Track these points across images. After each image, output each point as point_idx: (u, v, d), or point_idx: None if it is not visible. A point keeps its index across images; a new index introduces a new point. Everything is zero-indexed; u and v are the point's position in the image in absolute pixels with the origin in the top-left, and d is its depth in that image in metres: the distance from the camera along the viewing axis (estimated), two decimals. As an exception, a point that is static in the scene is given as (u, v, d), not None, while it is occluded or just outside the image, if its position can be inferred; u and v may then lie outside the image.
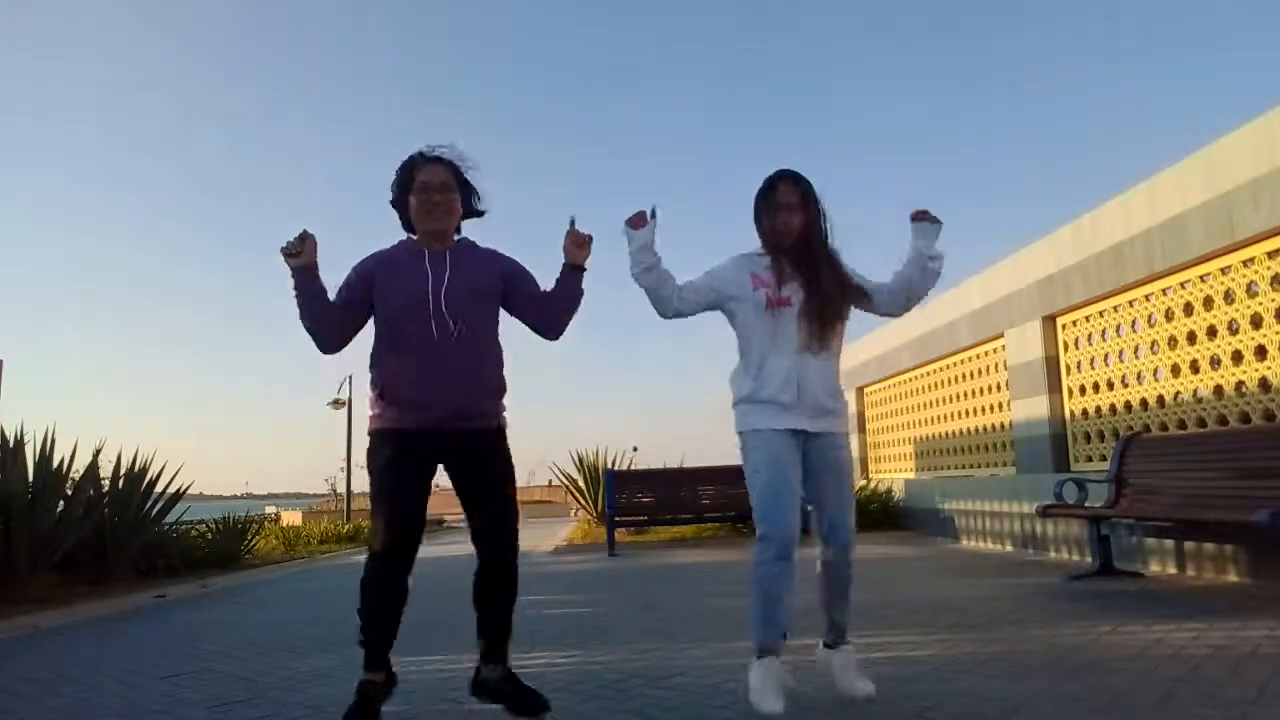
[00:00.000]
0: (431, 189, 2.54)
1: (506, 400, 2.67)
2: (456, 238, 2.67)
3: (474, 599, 2.59)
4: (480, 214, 2.72)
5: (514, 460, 2.66)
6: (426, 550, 2.65)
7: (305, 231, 2.49)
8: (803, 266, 2.57)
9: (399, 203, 2.63)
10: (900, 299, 2.68)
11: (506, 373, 2.66)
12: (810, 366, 2.51)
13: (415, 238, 2.64)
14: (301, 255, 2.47)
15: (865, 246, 2.73)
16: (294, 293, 2.49)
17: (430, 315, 2.46)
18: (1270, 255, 4.92)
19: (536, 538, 11.63)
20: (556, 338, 2.70)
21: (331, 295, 2.56)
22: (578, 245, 2.62)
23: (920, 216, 2.65)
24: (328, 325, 2.55)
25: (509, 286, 2.64)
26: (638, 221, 2.60)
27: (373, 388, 2.53)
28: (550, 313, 2.67)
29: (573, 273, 2.64)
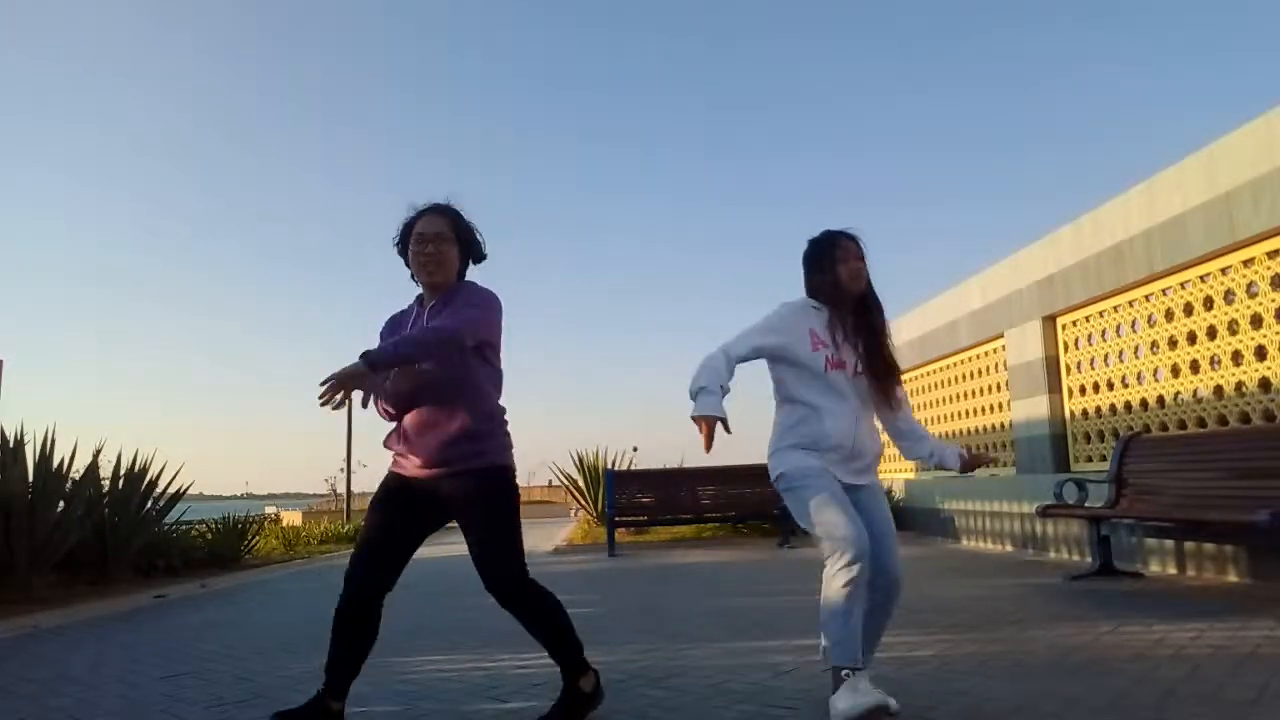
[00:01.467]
0: (425, 239, 2.52)
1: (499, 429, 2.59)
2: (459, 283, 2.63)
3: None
4: (482, 258, 2.68)
5: (511, 477, 2.56)
6: (427, 551, 2.64)
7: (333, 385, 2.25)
8: (863, 325, 2.57)
9: (404, 256, 2.62)
10: (894, 432, 2.66)
11: (500, 403, 2.59)
12: (863, 425, 2.52)
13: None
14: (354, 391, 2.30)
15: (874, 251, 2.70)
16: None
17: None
18: (1270, 255, 4.92)
19: (537, 538, 11.62)
20: None
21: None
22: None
23: (968, 465, 2.60)
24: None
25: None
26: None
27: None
28: None
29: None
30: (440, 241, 2.53)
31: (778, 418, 2.59)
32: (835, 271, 2.55)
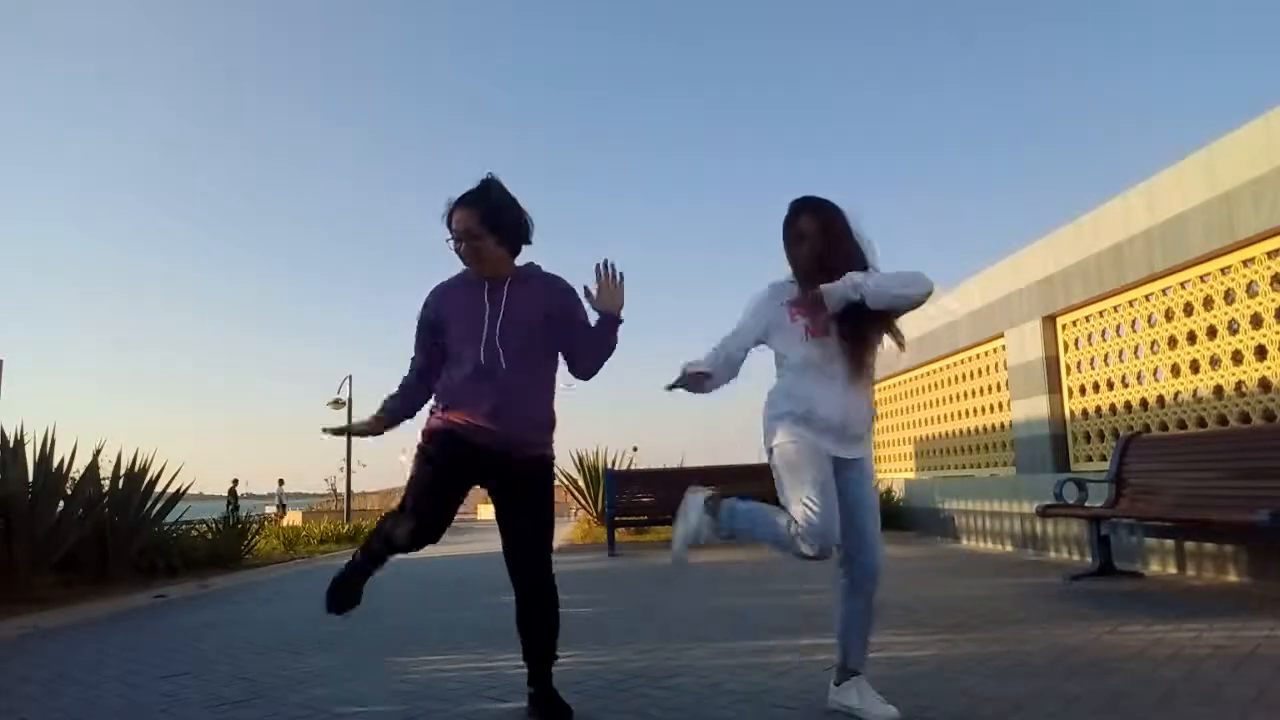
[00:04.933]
0: (457, 237, 2.54)
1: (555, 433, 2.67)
2: (520, 264, 2.63)
3: (517, 626, 2.58)
4: (526, 241, 2.63)
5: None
6: (433, 550, 2.64)
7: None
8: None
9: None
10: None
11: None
12: (851, 396, 2.44)
13: None
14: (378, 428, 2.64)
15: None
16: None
17: (482, 347, 2.48)
18: (1270, 255, 4.92)
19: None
20: (584, 379, 2.68)
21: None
22: (610, 291, 2.52)
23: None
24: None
25: (552, 321, 2.59)
26: (695, 385, 2.44)
27: (438, 401, 2.57)
28: (580, 352, 2.63)
29: (607, 319, 2.57)
30: (469, 238, 2.51)
31: (773, 385, 2.54)
32: (787, 254, 2.53)
